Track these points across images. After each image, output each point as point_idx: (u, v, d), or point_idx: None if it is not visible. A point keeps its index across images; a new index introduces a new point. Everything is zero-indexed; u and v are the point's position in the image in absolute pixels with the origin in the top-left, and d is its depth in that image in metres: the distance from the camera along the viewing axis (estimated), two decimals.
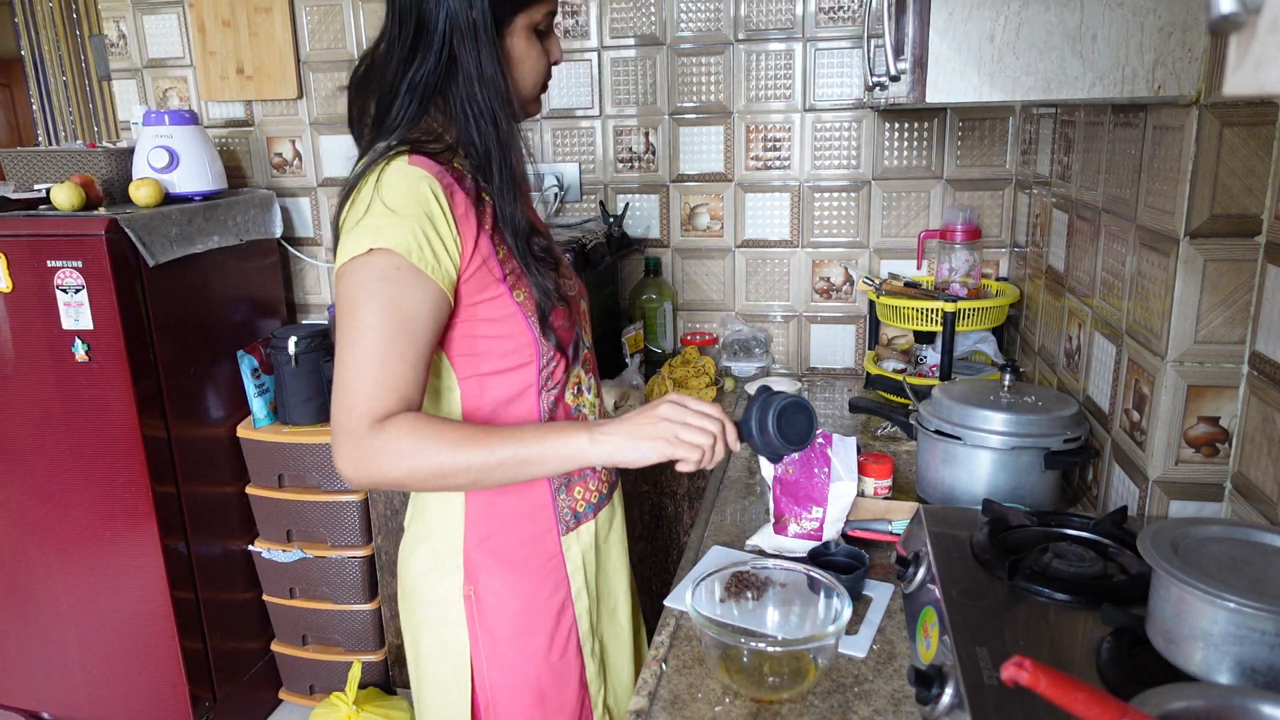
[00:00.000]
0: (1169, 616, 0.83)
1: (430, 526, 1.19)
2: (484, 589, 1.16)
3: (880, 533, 1.33)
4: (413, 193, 0.98)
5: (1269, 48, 0.36)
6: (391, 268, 0.96)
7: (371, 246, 0.95)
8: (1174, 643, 0.82)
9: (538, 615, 1.18)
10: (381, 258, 0.96)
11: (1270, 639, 0.76)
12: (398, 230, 0.96)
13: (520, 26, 1.04)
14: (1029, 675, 0.65)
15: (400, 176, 0.98)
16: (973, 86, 1.05)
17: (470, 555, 1.16)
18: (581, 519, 1.21)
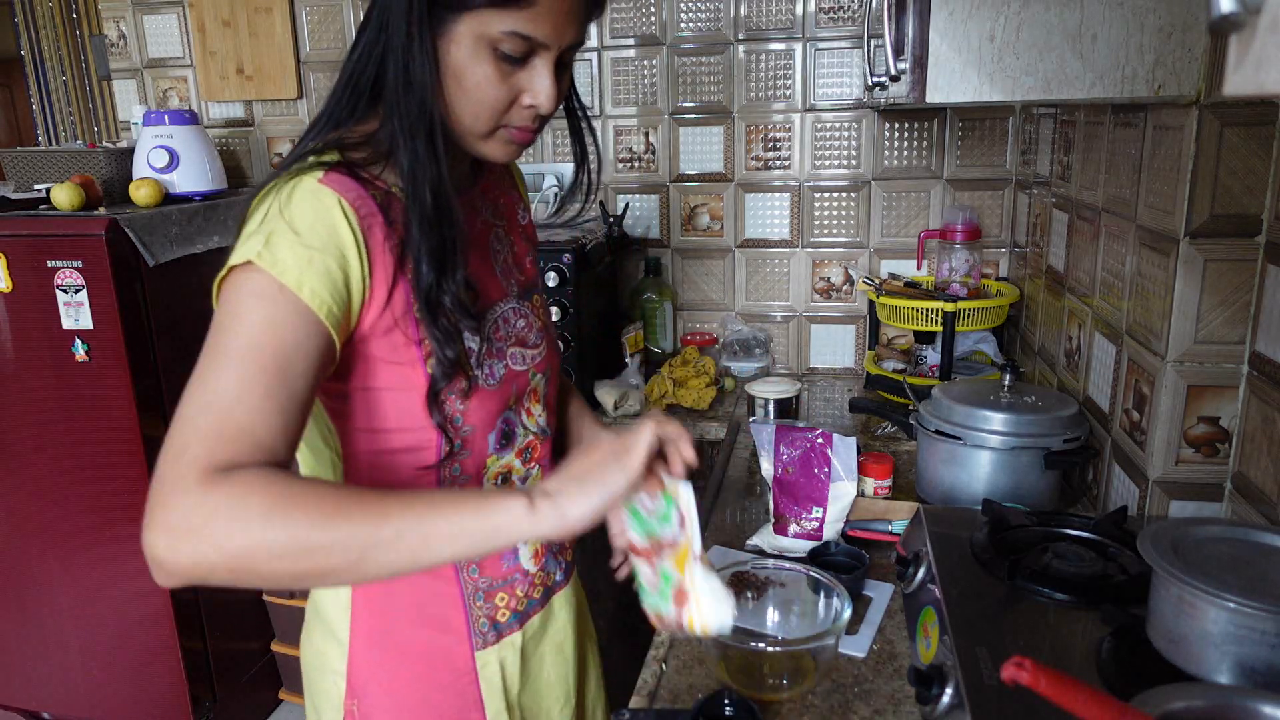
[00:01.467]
0: (1169, 616, 0.83)
1: (318, 609, 0.97)
2: (370, 707, 0.94)
3: (880, 533, 1.33)
4: (321, 219, 0.77)
5: (1269, 48, 0.36)
6: (274, 288, 0.74)
7: (253, 260, 0.75)
8: (1174, 642, 0.82)
9: None
10: (263, 277, 0.74)
11: (1270, 639, 0.76)
12: (291, 253, 0.75)
13: (465, 32, 0.79)
14: (1029, 675, 0.65)
15: (309, 197, 0.77)
16: (973, 86, 1.05)
17: (356, 661, 0.94)
18: (504, 631, 0.98)
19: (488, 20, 0.78)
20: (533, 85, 0.83)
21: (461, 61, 0.80)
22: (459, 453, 0.90)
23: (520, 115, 0.85)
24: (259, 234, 0.76)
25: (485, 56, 0.80)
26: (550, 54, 0.82)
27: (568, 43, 0.83)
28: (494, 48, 0.79)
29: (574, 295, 2.00)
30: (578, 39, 0.84)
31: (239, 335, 0.73)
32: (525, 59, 0.81)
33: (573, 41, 0.83)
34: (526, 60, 0.81)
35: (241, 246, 0.77)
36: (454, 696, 0.96)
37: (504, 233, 1.01)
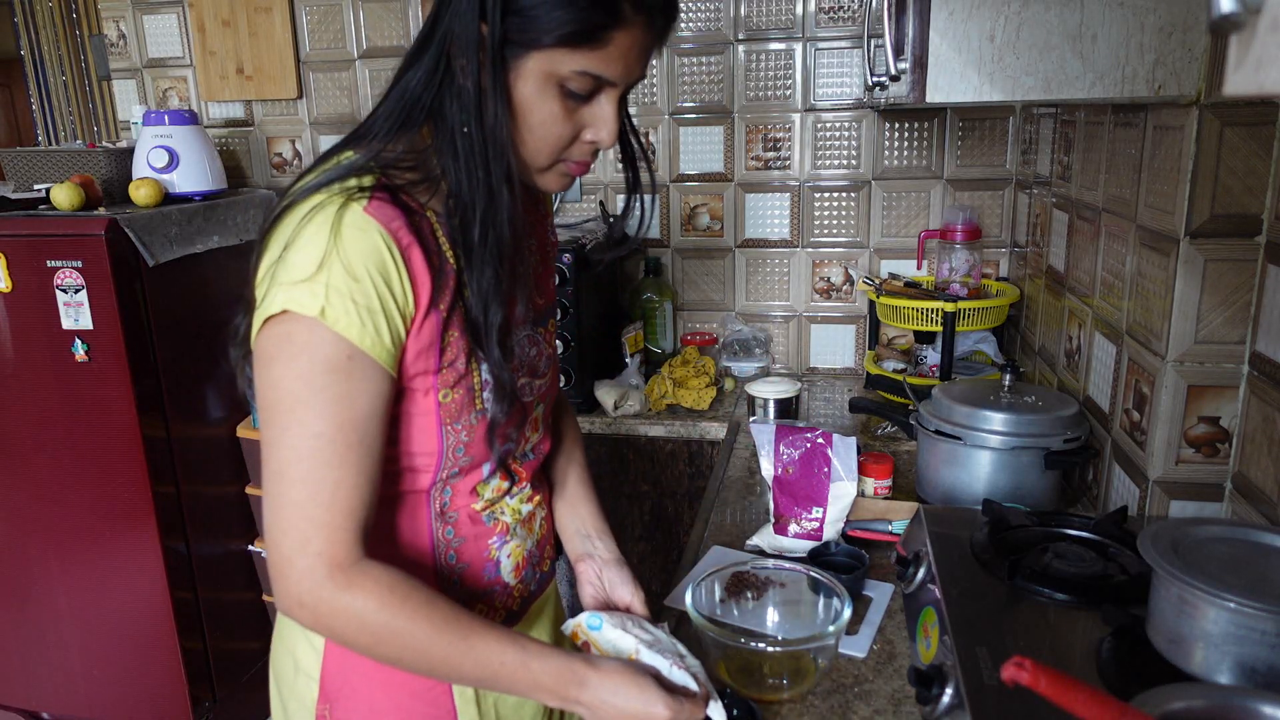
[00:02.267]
0: (1169, 616, 0.83)
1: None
2: (344, 712, 0.93)
3: (880, 533, 1.33)
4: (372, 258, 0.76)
5: (1269, 48, 0.35)
6: (343, 356, 0.75)
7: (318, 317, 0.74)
8: (1174, 643, 0.82)
9: None
10: (330, 337, 0.74)
11: (1270, 639, 0.76)
12: (354, 307, 0.75)
13: (534, 69, 0.78)
14: (1029, 675, 0.65)
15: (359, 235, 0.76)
16: (973, 86, 1.04)
17: (331, 665, 0.93)
18: None
19: (558, 59, 0.78)
20: (595, 122, 0.83)
21: (528, 98, 0.80)
22: (452, 478, 0.91)
23: (580, 150, 0.85)
24: (317, 281, 0.74)
25: (552, 94, 0.80)
26: (616, 91, 0.82)
27: (633, 79, 0.83)
28: (561, 85, 0.79)
29: (574, 295, 2.00)
30: (643, 75, 0.84)
31: (322, 416, 0.76)
32: (590, 96, 0.82)
33: (638, 78, 0.84)
34: (591, 97, 0.82)
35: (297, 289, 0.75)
36: (428, 705, 0.94)
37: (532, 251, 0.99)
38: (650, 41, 0.81)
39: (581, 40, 0.77)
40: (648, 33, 0.80)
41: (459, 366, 0.84)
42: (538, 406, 0.99)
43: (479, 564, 0.96)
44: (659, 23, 0.81)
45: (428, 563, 0.92)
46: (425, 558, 0.92)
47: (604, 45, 0.77)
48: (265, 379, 0.77)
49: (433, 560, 0.93)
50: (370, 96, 2.48)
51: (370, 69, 2.47)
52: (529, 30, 0.76)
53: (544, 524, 1.05)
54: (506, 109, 0.79)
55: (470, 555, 0.95)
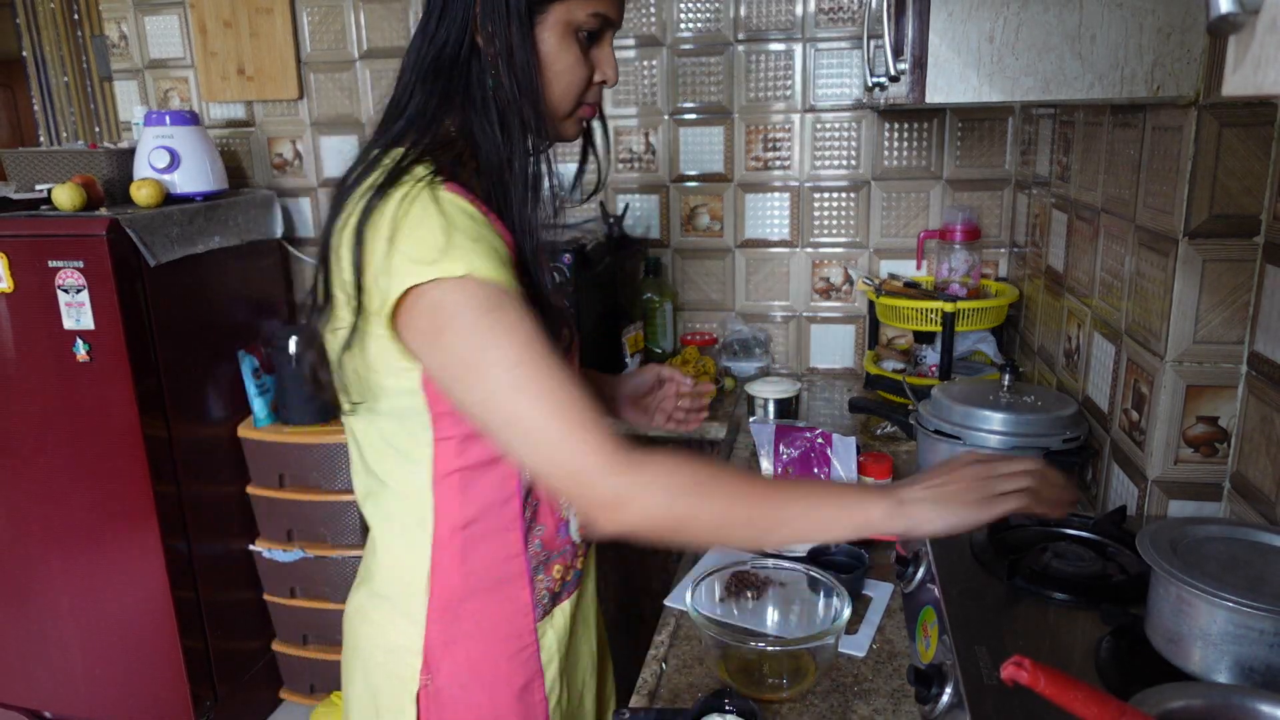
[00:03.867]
0: (1168, 616, 0.83)
1: (386, 595, 1.02)
2: (444, 680, 0.99)
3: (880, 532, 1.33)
4: (475, 220, 0.84)
5: (1268, 48, 0.36)
6: (496, 295, 0.81)
7: (465, 274, 0.80)
8: (1173, 642, 0.82)
9: (504, 708, 1.01)
10: (481, 287, 0.81)
11: (1269, 638, 0.76)
12: (487, 258, 0.82)
13: (556, 19, 0.88)
14: (1028, 674, 0.65)
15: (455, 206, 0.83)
16: (972, 87, 1.05)
17: (433, 638, 0.99)
18: (558, 599, 1.05)
19: (574, 7, 0.89)
20: (602, 63, 0.94)
21: (553, 49, 0.89)
22: None
23: (593, 93, 0.96)
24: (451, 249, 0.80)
25: (570, 41, 0.90)
26: (612, 32, 0.94)
27: (619, 21, 0.95)
28: (578, 31, 0.90)
29: (574, 295, 2.00)
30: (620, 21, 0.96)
31: (510, 343, 0.81)
32: (597, 38, 0.93)
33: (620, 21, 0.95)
34: (598, 39, 0.93)
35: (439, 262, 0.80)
36: (519, 666, 1.01)
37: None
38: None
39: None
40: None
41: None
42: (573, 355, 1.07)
43: (553, 525, 1.02)
44: None
45: (517, 528, 0.99)
46: (515, 523, 0.98)
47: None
48: (441, 350, 0.83)
49: (521, 526, 0.99)
50: (371, 96, 2.49)
51: (371, 69, 2.47)
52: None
53: None
54: (536, 59, 0.88)
55: (545, 517, 1.01)
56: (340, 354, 0.89)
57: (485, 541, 0.98)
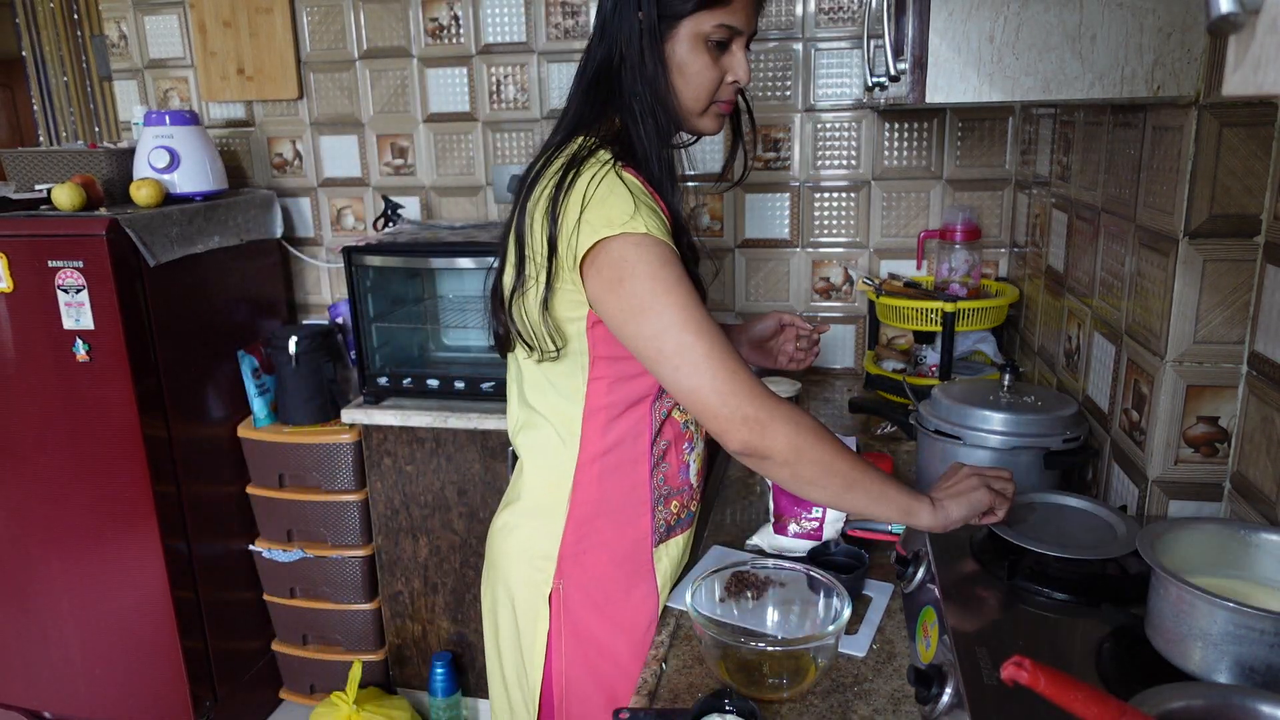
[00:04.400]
0: (1168, 616, 0.83)
1: (530, 511, 1.20)
2: (573, 585, 1.17)
3: (880, 532, 1.33)
4: (648, 194, 1.04)
5: (1268, 48, 0.36)
6: (669, 252, 1.01)
7: (646, 232, 0.99)
8: (1173, 642, 0.82)
9: (625, 621, 1.18)
10: (656, 243, 0.99)
11: (1269, 638, 0.76)
12: (658, 221, 1.01)
13: (685, 34, 1.05)
14: (1028, 675, 0.65)
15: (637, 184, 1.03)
16: (972, 87, 1.05)
17: (567, 550, 1.17)
18: (673, 531, 1.22)
19: (700, 20, 1.05)
20: (734, 66, 1.10)
21: (684, 57, 1.07)
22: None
23: (726, 91, 1.12)
24: (637, 214, 0.99)
25: (701, 49, 1.07)
26: (743, 39, 1.09)
27: (752, 29, 1.10)
28: (706, 40, 1.06)
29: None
30: (756, 28, 1.12)
31: (681, 289, 1.00)
32: (726, 46, 1.08)
33: (754, 29, 1.11)
34: (727, 47, 1.09)
35: (629, 223, 0.99)
36: (638, 581, 1.19)
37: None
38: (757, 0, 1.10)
39: (714, 1, 1.04)
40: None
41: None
42: None
43: (676, 466, 1.20)
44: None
45: (645, 462, 1.17)
46: (644, 458, 1.17)
47: (729, 2, 1.05)
48: (622, 293, 1.00)
49: (650, 461, 1.17)
50: (371, 96, 2.49)
51: (370, 69, 2.47)
52: (676, 5, 1.04)
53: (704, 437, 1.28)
54: (663, 67, 1.06)
55: (672, 458, 1.19)
56: (527, 308, 1.09)
57: (618, 471, 1.16)
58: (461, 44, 2.39)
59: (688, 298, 0.99)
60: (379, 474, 2.22)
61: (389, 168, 2.54)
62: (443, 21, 2.39)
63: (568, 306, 1.06)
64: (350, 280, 2.14)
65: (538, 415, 1.17)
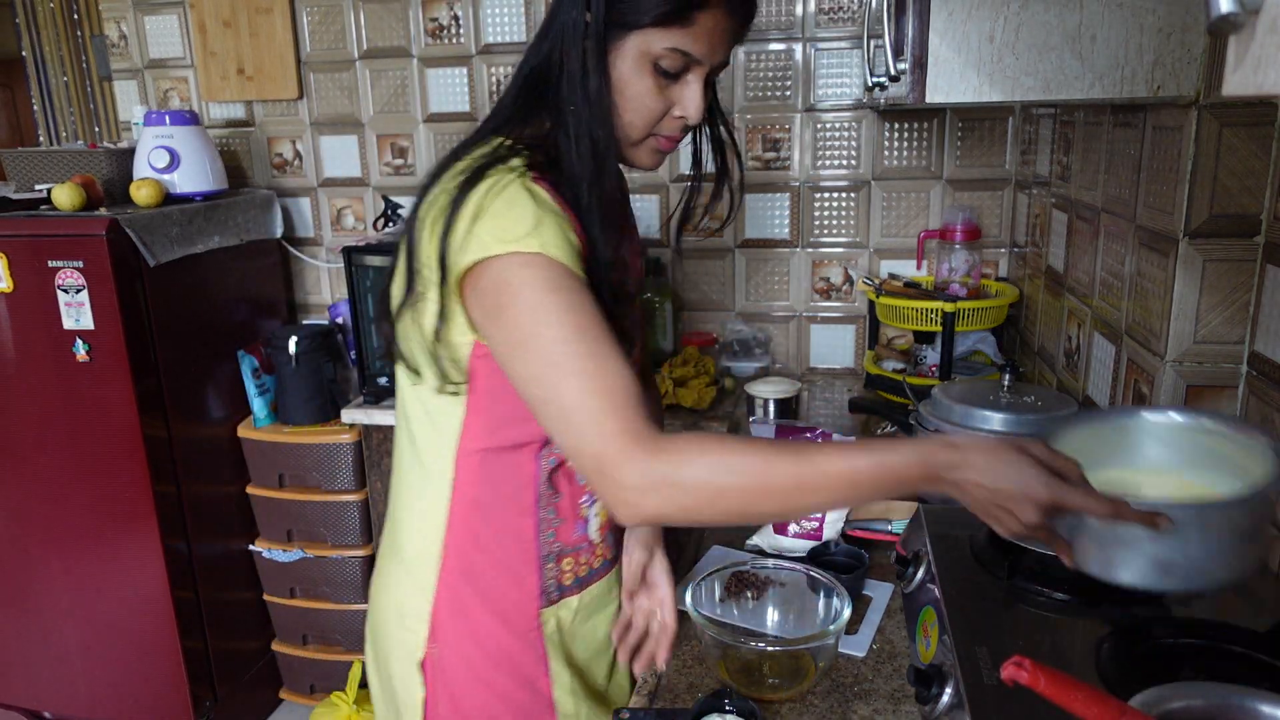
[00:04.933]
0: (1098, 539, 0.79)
1: (402, 558, 1.06)
2: (450, 652, 1.03)
3: (880, 532, 1.33)
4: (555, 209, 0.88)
5: (1268, 48, 0.36)
6: (563, 275, 0.84)
7: (539, 250, 0.83)
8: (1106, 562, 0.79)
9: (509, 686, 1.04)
10: (547, 264, 0.83)
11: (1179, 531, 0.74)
12: (560, 240, 0.85)
13: (632, 49, 0.89)
14: (1028, 675, 0.65)
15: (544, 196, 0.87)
16: (972, 87, 1.05)
17: (441, 609, 1.03)
18: (566, 592, 1.06)
19: (652, 38, 0.88)
20: (684, 98, 0.92)
21: (625, 75, 0.90)
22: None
23: (669, 125, 0.95)
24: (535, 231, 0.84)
25: (646, 71, 0.90)
26: (702, 70, 0.91)
27: (717, 61, 0.92)
28: (654, 63, 0.90)
29: None
30: (725, 59, 0.94)
31: (564, 321, 0.82)
32: (680, 74, 0.91)
33: (722, 61, 0.93)
34: (681, 75, 0.91)
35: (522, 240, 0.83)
36: (523, 647, 1.04)
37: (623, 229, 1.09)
38: (731, 27, 0.91)
39: (672, 19, 0.87)
40: (729, 17, 0.90)
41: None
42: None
43: (571, 520, 1.04)
44: (739, 10, 0.91)
45: (531, 516, 1.01)
46: (529, 511, 1.01)
47: (691, 24, 0.87)
48: (504, 323, 0.85)
49: (535, 511, 1.01)
50: (371, 96, 2.49)
51: (371, 69, 2.47)
52: (629, 13, 0.87)
53: None
54: (606, 84, 0.89)
55: (565, 511, 1.03)
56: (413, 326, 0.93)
57: (499, 522, 1.01)
58: (461, 44, 2.39)
59: (574, 331, 0.81)
60: (379, 474, 2.22)
61: (389, 168, 2.54)
62: (443, 21, 2.39)
63: (457, 330, 0.91)
64: (350, 280, 2.14)
65: (411, 445, 1.02)
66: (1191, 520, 0.74)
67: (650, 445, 0.78)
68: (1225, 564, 0.76)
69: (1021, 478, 0.74)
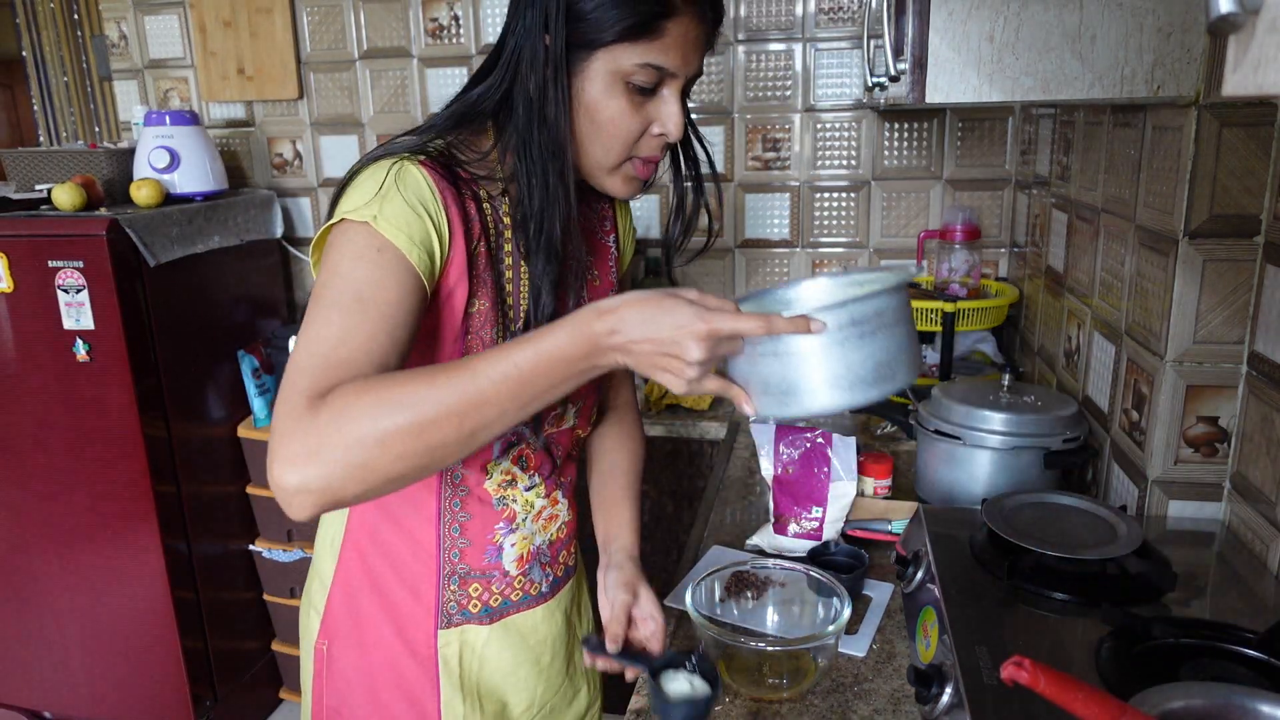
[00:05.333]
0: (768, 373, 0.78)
1: (317, 551, 1.05)
2: (339, 650, 1.01)
3: (880, 533, 1.33)
4: (414, 187, 0.83)
5: (1268, 48, 0.36)
6: (373, 247, 0.79)
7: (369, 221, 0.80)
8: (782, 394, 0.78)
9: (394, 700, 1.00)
10: (366, 233, 0.79)
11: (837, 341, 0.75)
12: (398, 216, 0.80)
13: (600, 70, 0.84)
14: (1028, 674, 0.65)
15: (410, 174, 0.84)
16: (972, 87, 1.05)
17: (334, 603, 1.01)
18: (470, 619, 1.01)
19: (621, 55, 0.83)
20: (661, 114, 0.87)
21: (595, 98, 0.85)
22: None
23: (649, 145, 0.89)
24: (373, 202, 0.80)
25: (619, 91, 0.85)
26: (678, 83, 0.87)
27: (692, 72, 0.87)
28: (626, 81, 0.84)
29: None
30: (699, 70, 0.89)
31: (347, 289, 0.77)
32: (654, 90, 0.86)
33: (696, 71, 0.88)
34: (655, 91, 0.86)
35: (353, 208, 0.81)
36: (415, 665, 1.00)
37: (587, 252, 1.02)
38: (702, 33, 0.86)
39: (640, 32, 0.82)
40: (699, 24, 0.85)
41: (485, 336, 0.90)
42: (564, 402, 1.00)
43: (481, 544, 1.00)
44: (708, 15, 0.86)
45: (432, 527, 0.98)
46: (430, 522, 0.98)
47: (660, 35, 0.82)
48: (315, 282, 0.81)
49: (438, 526, 0.98)
50: (371, 96, 2.49)
51: (371, 69, 2.47)
52: (591, 32, 0.82)
53: (564, 527, 1.09)
54: (567, 112, 0.84)
55: (474, 533, 0.99)
56: None
57: (399, 529, 0.98)
58: (461, 44, 2.39)
59: (354, 301, 0.76)
60: None
61: None
62: (443, 21, 2.39)
63: None
64: None
65: None
66: (844, 322, 0.75)
67: (317, 403, 0.70)
68: (886, 366, 0.77)
69: (675, 318, 0.71)
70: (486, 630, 1.02)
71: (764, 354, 0.76)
